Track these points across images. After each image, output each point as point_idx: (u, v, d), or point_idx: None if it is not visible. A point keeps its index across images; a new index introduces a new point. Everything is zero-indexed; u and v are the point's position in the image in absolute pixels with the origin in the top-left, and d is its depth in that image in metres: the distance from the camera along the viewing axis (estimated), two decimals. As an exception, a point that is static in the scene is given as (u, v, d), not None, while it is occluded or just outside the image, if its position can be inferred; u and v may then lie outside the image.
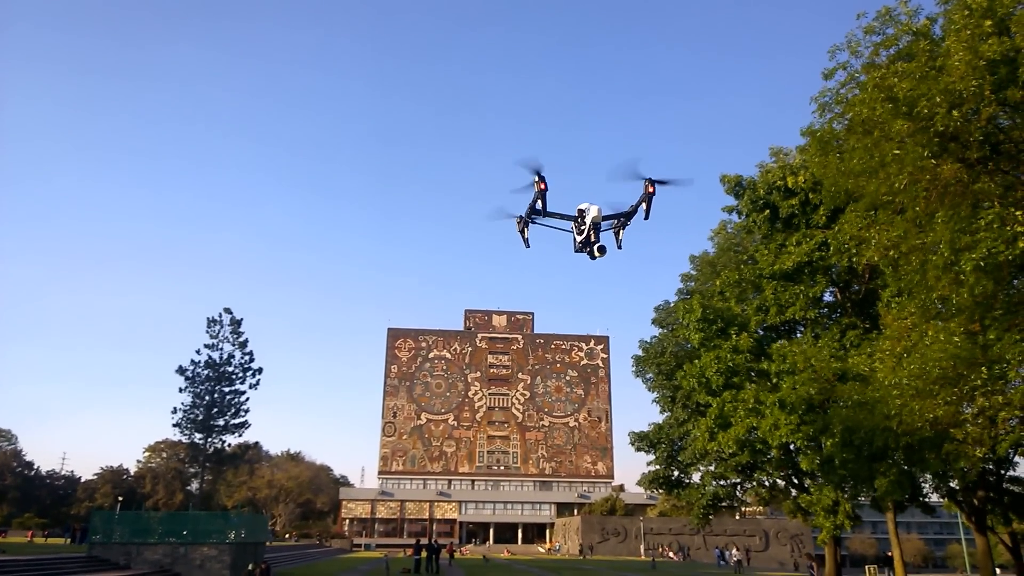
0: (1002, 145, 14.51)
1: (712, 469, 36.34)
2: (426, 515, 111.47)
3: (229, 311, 74.71)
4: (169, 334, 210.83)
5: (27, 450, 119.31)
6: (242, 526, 32.62)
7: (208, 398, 72.11)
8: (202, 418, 71.56)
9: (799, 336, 33.01)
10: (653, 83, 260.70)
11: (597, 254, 13.47)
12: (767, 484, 36.41)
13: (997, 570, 39.16)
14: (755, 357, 30.19)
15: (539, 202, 13.72)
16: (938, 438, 20.35)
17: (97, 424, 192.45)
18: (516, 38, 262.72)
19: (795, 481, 33.49)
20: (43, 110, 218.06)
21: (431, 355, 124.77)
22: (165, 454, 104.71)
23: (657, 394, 41.07)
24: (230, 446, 77.74)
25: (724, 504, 39.16)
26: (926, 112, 13.50)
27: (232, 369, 73.59)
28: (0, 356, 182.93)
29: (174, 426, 71.91)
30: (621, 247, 14.25)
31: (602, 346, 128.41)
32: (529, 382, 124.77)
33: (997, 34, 13.47)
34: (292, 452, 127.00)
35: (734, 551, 73.03)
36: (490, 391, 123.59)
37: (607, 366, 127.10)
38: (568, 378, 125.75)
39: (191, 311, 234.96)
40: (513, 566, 53.15)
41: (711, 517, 38.64)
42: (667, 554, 79.98)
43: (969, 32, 13.48)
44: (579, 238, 13.91)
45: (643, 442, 40.51)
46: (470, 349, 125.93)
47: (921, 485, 29.11)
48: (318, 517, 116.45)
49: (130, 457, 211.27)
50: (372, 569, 43.02)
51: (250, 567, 29.14)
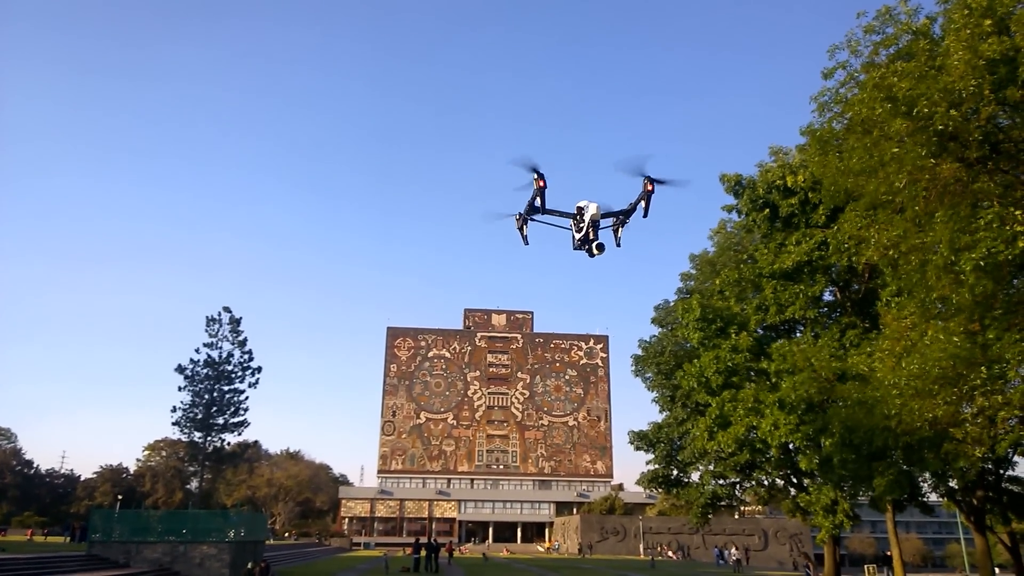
0: (1001, 144, 14.51)
1: (711, 468, 36.32)
2: (425, 514, 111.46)
3: (228, 310, 74.81)
4: (168, 333, 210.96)
5: (27, 448, 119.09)
6: (241, 525, 32.71)
7: (207, 397, 72.12)
8: (201, 417, 71.58)
9: (799, 335, 33.01)
10: (653, 83, 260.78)
11: (596, 251, 13.45)
12: (766, 483, 36.44)
13: (996, 570, 39.17)
14: (754, 356, 30.20)
15: (538, 199, 13.70)
16: (937, 438, 20.35)
17: (97, 423, 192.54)
18: (516, 38, 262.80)
19: (794, 480, 33.49)
20: (43, 110, 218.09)
21: (430, 354, 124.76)
22: (164, 453, 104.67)
23: (656, 393, 41.09)
24: (229, 445, 77.66)
25: (723, 503, 39.12)
26: (926, 111, 13.50)
27: (231, 368, 73.61)
28: (0, 355, 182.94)
29: (173, 425, 72.08)
30: (620, 245, 14.23)
31: (601, 345, 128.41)
32: (528, 381, 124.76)
33: (997, 33, 13.47)
34: (291, 451, 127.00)
35: (733, 550, 73.22)
36: (489, 390, 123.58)
37: (606, 365, 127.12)
38: (567, 377, 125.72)
39: (190, 310, 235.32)
40: (512, 565, 53.19)
41: (710, 516, 38.60)
42: (666, 553, 79.95)
43: (969, 31, 13.48)
44: (578, 236, 13.89)
45: (642, 441, 40.55)
46: (469, 348, 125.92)
47: (920, 485, 29.13)
48: (317, 516, 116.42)
49: (130, 456, 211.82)
50: (371, 568, 43.03)
51: (249, 565, 29.18)
